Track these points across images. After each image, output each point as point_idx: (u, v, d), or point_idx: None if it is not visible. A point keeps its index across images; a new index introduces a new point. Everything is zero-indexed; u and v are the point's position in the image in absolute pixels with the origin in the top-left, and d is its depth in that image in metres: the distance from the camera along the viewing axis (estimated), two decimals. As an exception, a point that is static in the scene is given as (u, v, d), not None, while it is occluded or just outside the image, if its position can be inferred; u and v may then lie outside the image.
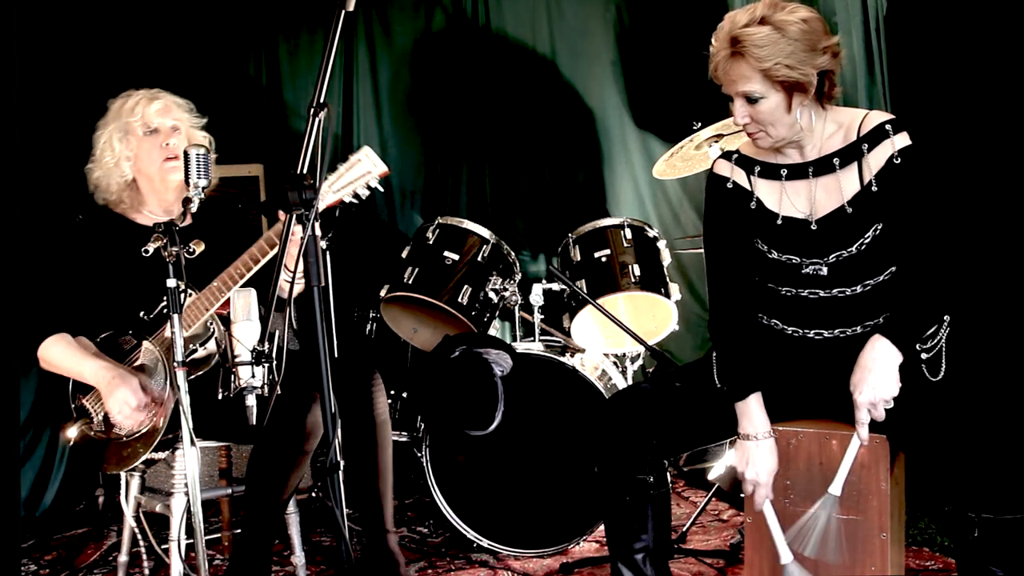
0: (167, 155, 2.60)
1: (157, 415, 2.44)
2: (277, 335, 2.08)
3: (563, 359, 3.06)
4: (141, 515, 2.65)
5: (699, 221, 4.35)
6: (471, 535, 3.09)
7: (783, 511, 2.10)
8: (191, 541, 2.17)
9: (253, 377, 2.04)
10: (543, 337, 3.35)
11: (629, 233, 3.30)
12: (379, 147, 4.42)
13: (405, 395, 3.56)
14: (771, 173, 2.16)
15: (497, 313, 3.33)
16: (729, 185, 2.20)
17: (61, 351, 2.54)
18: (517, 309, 3.34)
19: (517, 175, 4.50)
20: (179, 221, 2.11)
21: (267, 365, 2.05)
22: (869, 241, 2.05)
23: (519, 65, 4.50)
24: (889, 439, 2.05)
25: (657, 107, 4.53)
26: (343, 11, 2.00)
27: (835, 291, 2.10)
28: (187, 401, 2.06)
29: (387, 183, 4.42)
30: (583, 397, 3.02)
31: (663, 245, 3.38)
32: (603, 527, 2.74)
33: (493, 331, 3.43)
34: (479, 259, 3.26)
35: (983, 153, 3.20)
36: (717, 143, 3.23)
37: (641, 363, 3.65)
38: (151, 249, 2.09)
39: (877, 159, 2.05)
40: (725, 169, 2.22)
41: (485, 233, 3.30)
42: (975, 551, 1.96)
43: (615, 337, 3.47)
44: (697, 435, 2.27)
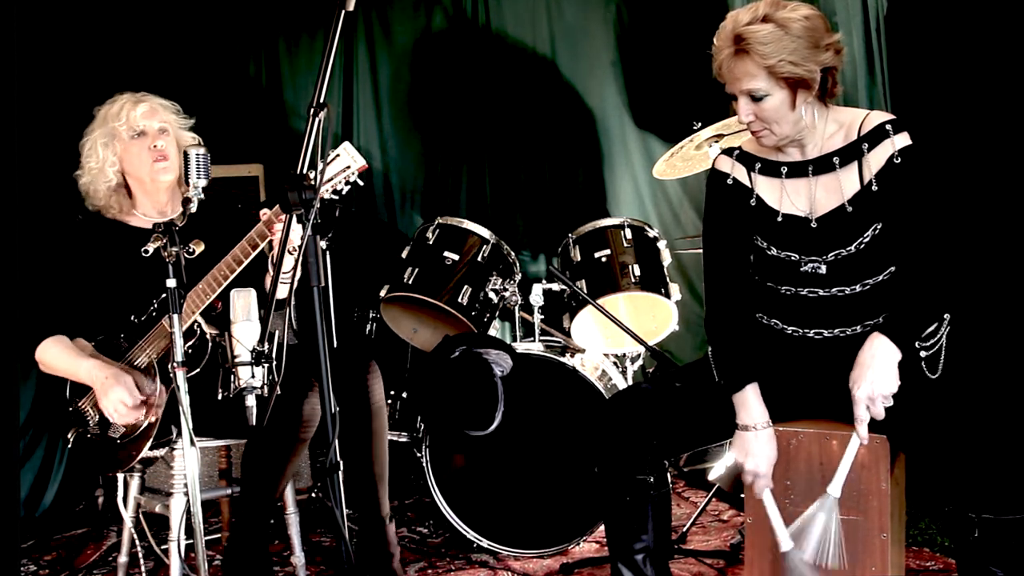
0: (156, 156, 2.58)
1: (150, 413, 2.43)
2: (277, 335, 2.08)
3: (563, 359, 3.06)
4: (141, 515, 2.65)
5: (699, 221, 4.34)
6: (471, 535, 3.08)
7: (783, 512, 2.10)
8: (191, 541, 2.16)
9: (253, 377, 2.04)
10: (543, 337, 3.35)
11: (629, 233, 3.30)
12: (379, 147, 4.43)
13: (405, 395, 3.55)
14: (771, 170, 2.17)
15: (497, 313, 3.33)
16: (729, 181, 2.20)
17: (57, 352, 2.54)
18: (517, 309, 3.34)
19: (517, 175, 4.50)
20: (178, 221, 2.11)
21: (267, 365, 2.05)
22: (868, 240, 2.06)
23: (519, 65, 4.50)
24: (889, 439, 2.05)
25: (657, 107, 4.52)
26: (343, 11, 2.00)
27: (834, 290, 2.10)
28: (187, 401, 2.06)
29: (387, 183, 4.43)
30: (583, 397, 3.02)
31: (663, 245, 3.38)
32: (603, 527, 2.75)
33: (493, 331, 3.43)
34: (479, 259, 3.25)
35: (983, 153, 3.20)
36: (717, 143, 3.23)
37: (641, 363, 3.65)
38: (151, 249, 2.08)
39: (877, 159, 2.05)
40: (726, 165, 2.23)
41: (485, 233, 3.30)
42: (975, 551, 1.96)
43: (615, 337, 3.47)
44: (697, 435, 2.27)
